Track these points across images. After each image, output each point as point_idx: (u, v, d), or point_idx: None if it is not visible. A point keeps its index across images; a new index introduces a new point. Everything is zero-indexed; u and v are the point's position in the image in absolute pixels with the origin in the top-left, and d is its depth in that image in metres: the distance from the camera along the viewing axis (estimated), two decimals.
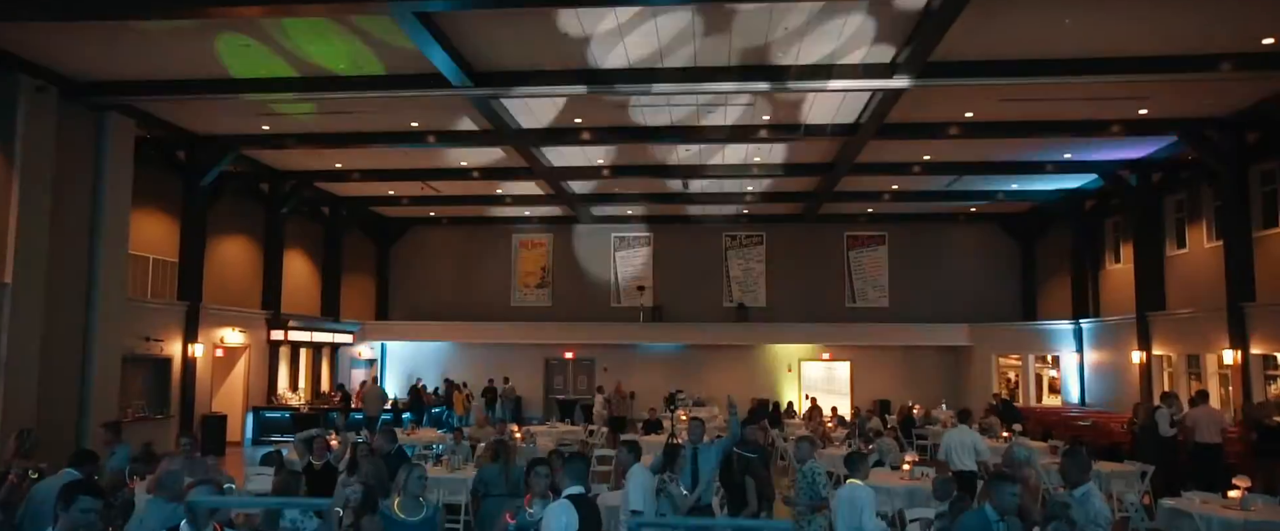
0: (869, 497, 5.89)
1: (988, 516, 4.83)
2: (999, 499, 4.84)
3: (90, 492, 3.73)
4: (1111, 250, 21.66)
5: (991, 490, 4.91)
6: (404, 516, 4.83)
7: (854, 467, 6.02)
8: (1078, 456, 5.51)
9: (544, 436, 15.21)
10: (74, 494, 3.69)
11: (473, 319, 25.44)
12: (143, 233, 16.95)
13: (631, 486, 6.01)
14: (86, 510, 3.63)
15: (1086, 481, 5.38)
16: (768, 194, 22.42)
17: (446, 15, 11.16)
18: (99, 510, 3.69)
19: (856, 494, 5.84)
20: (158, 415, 16.52)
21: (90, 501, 3.67)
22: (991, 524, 4.81)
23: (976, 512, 4.89)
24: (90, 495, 3.71)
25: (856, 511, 5.77)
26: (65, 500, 3.65)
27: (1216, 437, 11.45)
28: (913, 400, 22.14)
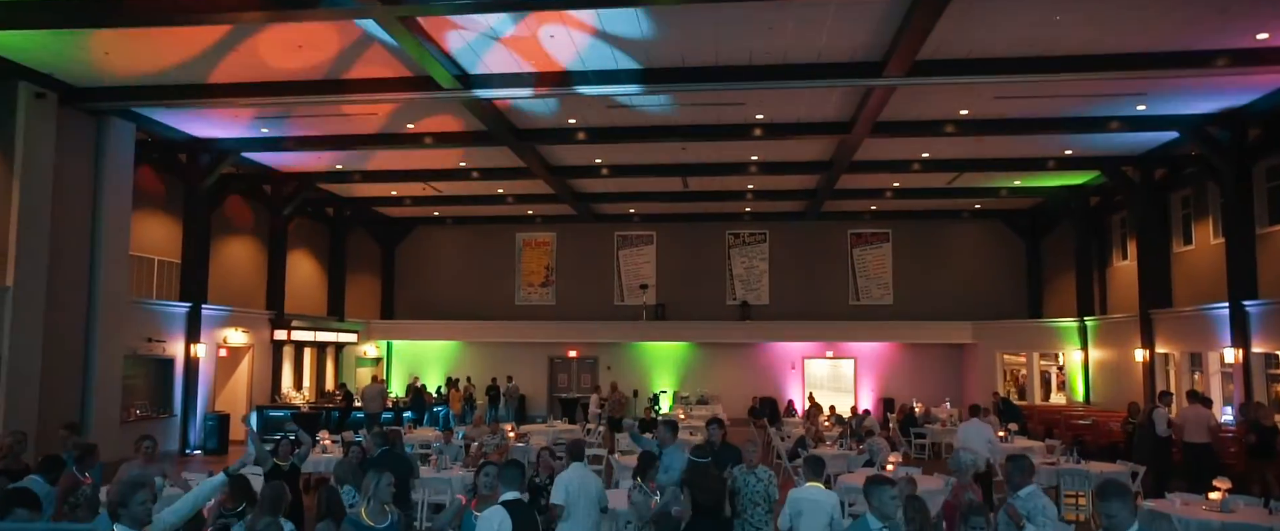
0: (829, 502, 5.88)
1: (869, 525, 4.82)
2: (878, 504, 4.84)
3: (25, 504, 3.81)
4: (1118, 247, 21.48)
5: (870, 495, 4.90)
6: (371, 523, 4.88)
7: (813, 471, 6.02)
8: (1020, 461, 5.67)
9: (539, 436, 15.29)
10: (10, 505, 3.76)
11: (477, 318, 25.59)
12: (146, 234, 17.21)
13: (557, 483, 6.24)
14: (20, 520, 3.72)
15: (1030, 483, 5.55)
16: (770, 191, 22.40)
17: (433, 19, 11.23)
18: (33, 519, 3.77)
19: (816, 497, 5.84)
20: (161, 414, 16.77)
21: (25, 513, 3.75)
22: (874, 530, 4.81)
23: (859, 521, 4.88)
24: (25, 506, 3.78)
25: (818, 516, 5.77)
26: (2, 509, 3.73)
27: (1204, 437, 11.34)
28: (917, 398, 22.08)
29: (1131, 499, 3.86)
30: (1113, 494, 3.81)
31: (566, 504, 6.04)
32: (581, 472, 6.35)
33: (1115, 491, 3.82)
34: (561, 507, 5.96)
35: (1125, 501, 3.80)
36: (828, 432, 15.90)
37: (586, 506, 6.22)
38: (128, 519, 4.19)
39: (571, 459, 6.51)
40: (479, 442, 13.60)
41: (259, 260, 20.99)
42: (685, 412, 19.96)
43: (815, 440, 14.55)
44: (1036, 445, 14.18)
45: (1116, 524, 3.78)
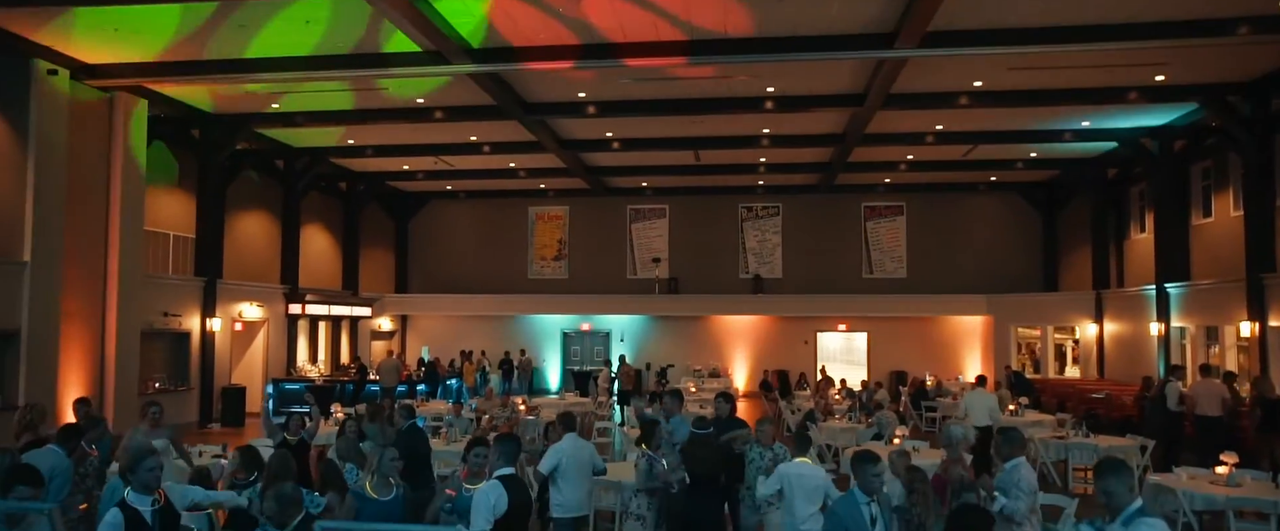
0: (817, 476, 5.91)
1: (857, 499, 4.84)
2: (863, 480, 4.86)
3: (27, 481, 3.89)
4: (1136, 219, 21.24)
5: (856, 471, 4.93)
6: (376, 496, 4.96)
7: (801, 447, 6.04)
8: (1010, 434, 5.72)
9: (549, 409, 15.41)
10: (13, 482, 3.85)
11: (491, 291, 25.74)
12: (161, 210, 17.38)
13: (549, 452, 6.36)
14: (22, 498, 3.81)
15: (1018, 455, 5.55)
16: (783, 164, 22.26)
17: None
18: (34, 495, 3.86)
19: (803, 472, 5.87)
20: (179, 387, 17.04)
21: (26, 490, 3.83)
22: (861, 505, 4.83)
23: (846, 496, 4.91)
24: (26, 484, 3.87)
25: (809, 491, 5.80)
26: (3, 486, 3.82)
27: (1217, 410, 11.27)
28: (930, 371, 22.06)
29: (1130, 476, 3.85)
30: (1110, 471, 3.81)
31: (558, 472, 6.13)
32: (575, 442, 6.44)
33: (1113, 469, 3.82)
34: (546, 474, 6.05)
35: (1123, 478, 3.79)
36: (838, 406, 15.94)
37: (579, 475, 6.32)
38: (137, 484, 4.34)
39: (564, 429, 6.60)
40: (489, 415, 13.76)
41: (273, 235, 21.16)
42: (696, 386, 20.04)
43: (824, 413, 14.59)
44: (1047, 418, 14.16)
45: (1115, 501, 3.77)
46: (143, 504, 4.36)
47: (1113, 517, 3.77)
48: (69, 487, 5.96)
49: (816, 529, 5.86)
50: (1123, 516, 3.73)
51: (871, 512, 4.86)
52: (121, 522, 4.19)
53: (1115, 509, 3.76)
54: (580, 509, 6.41)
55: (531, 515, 4.66)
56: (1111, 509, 3.78)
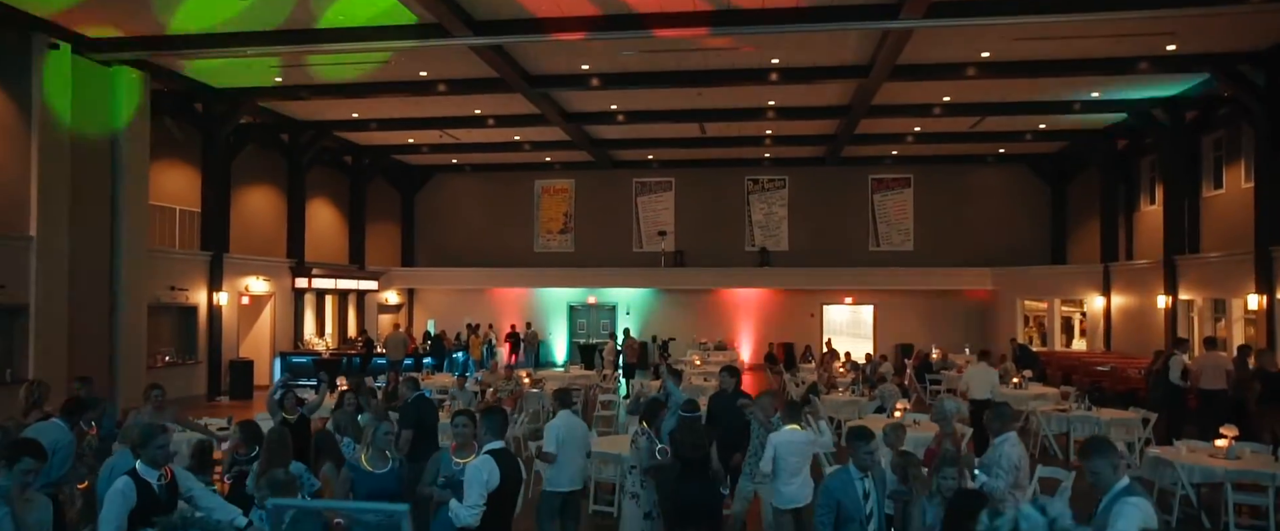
0: (803, 439, 5.94)
1: (851, 474, 4.85)
2: (857, 457, 4.88)
3: (31, 453, 3.94)
4: (1146, 192, 21.04)
5: (850, 446, 4.95)
6: (371, 469, 5.00)
7: (791, 415, 6.05)
8: (1001, 409, 5.72)
9: (554, 382, 15.49)
10: (18, 454, 3.90)
11: (497, 265, 25.79)
12: (167, 184, 17.42)
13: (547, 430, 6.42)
14: (26, 470, 3.86)
15: (1007, 431, 5.55)
16: (789, 137, 22.12)
17: None
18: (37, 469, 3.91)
19: (792, 439, 5.91)
20: (187, 361, 17.19)
21: (31, 462, 3.88)
22: (855, 480, 4.85)
23: (840, 471, 4.93)
24: (32, 456, 3.92)
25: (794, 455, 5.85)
26: (9, 459, 3.86)
27: (1220, 384, 11.23)
28: (936, 344, 22.02)
29: (1115, 456, 3.87)
30: (1096, 451, 3.83)
31: (556, 450, 6.17)
32: (569, 419, 6.48)
33: (1098, 449, 3.84)
34: (554, 455, 6.08)
35: (1108, 458, 3.81)
36: (841, 379, 15.96)
37: (573, 451, 6.37)
38: (147, 458, 4.48)
39: (560, 406, 6.64)
40: (493, 388, 13.86)
41: (280, 209, 21.20)
42: (701, 359, 20.09)
43: (827, 386, 14.63)
44: (1051, 391, 14.16)
45: (1101, 480, 3.80)
46: (151, 476, 4.47)
47: (1099, 497, 3.80)
48: (71, 462, 6.03)
49: (802, 489, 5.90)
50: (1109, 495, 3.75)
51: (865, 488, 4.88)
52: (133, 490, 4.30)
53: (1102, 488, 3.78)
54: (572, 483, 6.49)
55: (523, 487, 4.69)
56: (1098, 488, 3.80)
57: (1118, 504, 3.66)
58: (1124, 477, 3.82)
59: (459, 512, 4.37)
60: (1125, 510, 3.61)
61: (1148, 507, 3.71)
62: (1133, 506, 3.62)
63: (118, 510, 4.26)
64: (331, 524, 4.22)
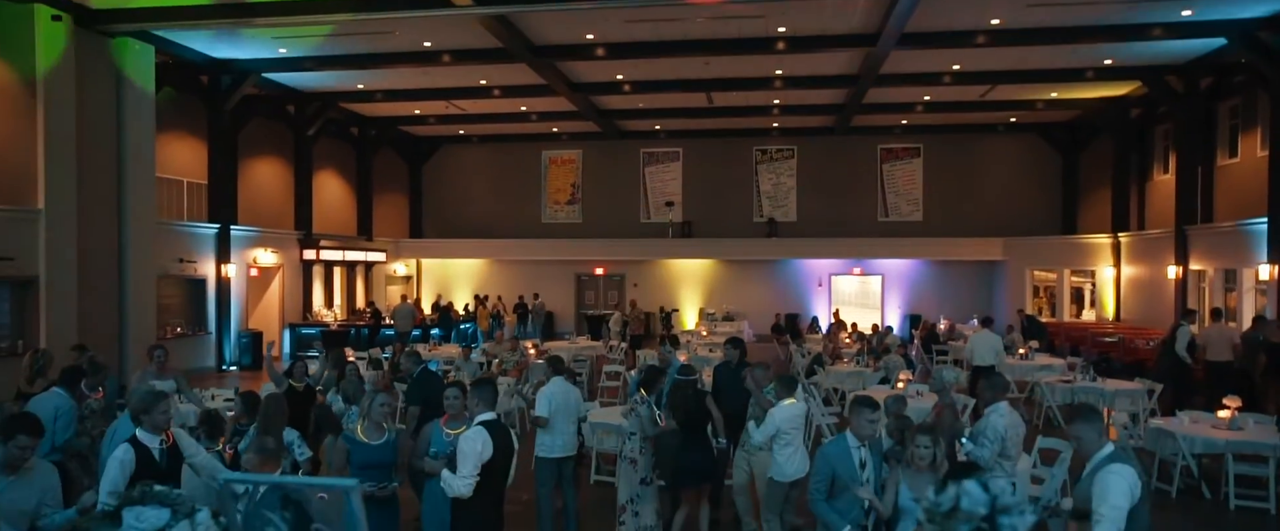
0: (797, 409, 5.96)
1: (848, 442, 4.86)
2: (858, 425, 4.87)
3: (27, 430, 3.97)
4: (1160, 160, 20.78)
5: (853, 415, 4.94)
6: (367, 440, 5.04)
7: (786, 389, 6.05)
8: (994, 379, 5.71)
9: (559, 352, 15.55)
10: (14, 430, 3.93)
11: (504, 236, 25.81)
12: (174, 156, 17.45)
13: (540, 396, 6.51)
14: (22, 446, 3.90)
15: (998, 401, 5.52)
16: (797, 106, 21.92)
17: None
18: (33, 445, 3.95)
19: (790, 412, 5.92)
20: (197, 332, 17.35)
21: (26, 439, 3.92)
22: (852, 449, 4.85)
23: (838, 439, 4.92)
24: (27, 433, 3.95)
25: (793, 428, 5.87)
26: (4, 435, 3.89)
27: (1227, 355, 11.17)
28: (945, 314, 21.98)
29: (1100, 422, 3.84)
30: (1081, 418, 3.81)
31: (549, 416, 6.22)
32: (562, 386, 6.54)
33: (1083, 415, 3.82)
34: (546, 419, 6.13)
35: (1093, 425, 3.79)
36: (848, 349, 15.96)
37: (566, 418, 6.44)
38: (149, 424, 4.56)
39: (553, 373, 6.69)
40: (498, 359, 13.93)
41: (287, 181, 21.23)
42: (708, 330, 20.13)
43: (832, 357, 14.63)
44: (1057, 362, 14.12)
45: (1085, 447, 3.79)
46: (152, 442, 4.53)
47: (1083, 463, 3.80)
48: (74, 427, 6.12)
49: (802, 462, 5.92)
50: (1093, 463, 3.74)
51: (861, 456, 4.88)
52: (133, 457, 4.37)
53: (1086, 455, 3.77)
54: (565, 449, 6.57)
55: (515, 457, 4.73)
56: (1082, 455, 3.79)
57: (1103, 472, 3.65)
58: (1108, 444, 3.80)
59: (452, 483, 4.41)
60: (1111, 481, 3.60)
61: (1133, 475, 3.69)
62: (1118, 476, 3.60)
63: (117, 476, 4.34)
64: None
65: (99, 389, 6.62)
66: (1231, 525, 7.65)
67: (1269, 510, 7.74)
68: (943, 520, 1.54)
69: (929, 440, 4.33)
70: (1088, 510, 3.67)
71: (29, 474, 3.97)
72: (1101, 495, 3.57)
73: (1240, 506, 7.84)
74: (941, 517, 1.54)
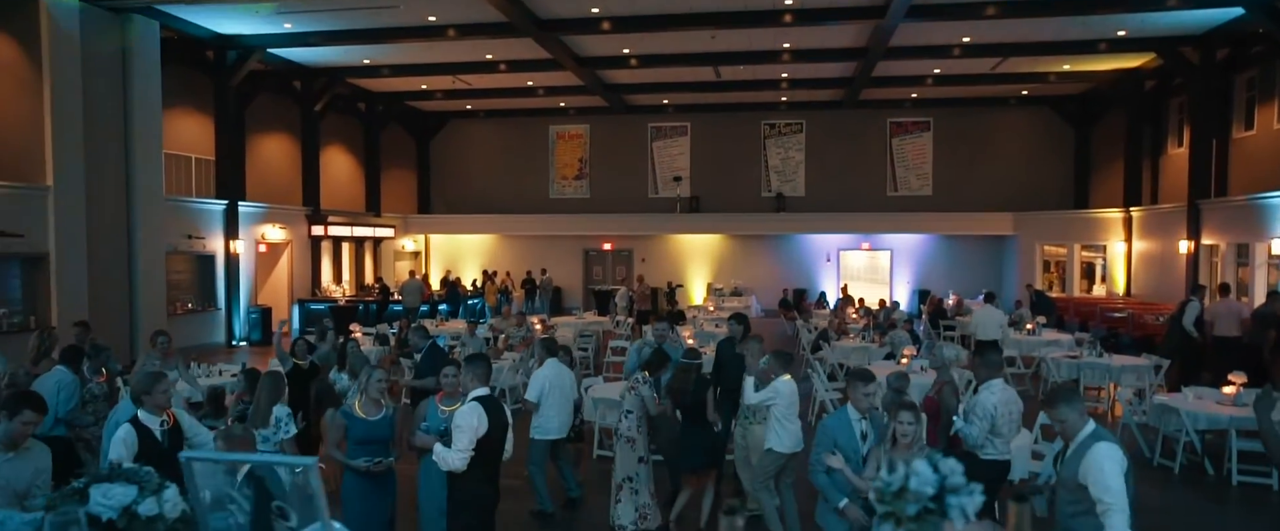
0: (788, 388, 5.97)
1: (849, 415, 4.86)
2: (855, 398, 4.87)
3: (33, 406, 4.03)
4: (1174, 133, 20.50)
5: (850, 389, 4.94)
6: (364, 415, 5.07)
7: (782, 365, 6.06)
8: (987, 356, 5.65)
9: (567, 328, 15.61)
10: (20, 406, 3.98)
11: (512, 211, 25.82)
12: (181, 133, 17.49)
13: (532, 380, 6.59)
14: (27, 422, 3.95)
15: (994, 377, 5.49)
16: (806, 80, 21.72)
17: None
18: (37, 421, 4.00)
19: (783, 389, 5.94)
20: (207, 307, 17.49)
21: (30, 414, 3.97)
22: (853, 422, 4.86)
23: (840, 412, 4.93)
24: (32, 409, 4.00)
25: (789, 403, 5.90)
26: (10, 410, 3.94)
27: (1234, 331, 11.08)
28: (954, 290, 21.90)
29: (1081, 403, 3.84)
30: (1062, 399, 3.81)
31: (540, 398, 6.24)
32: (556, 369, 6.56)
33: (1063, 397, 3.82)
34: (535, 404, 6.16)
35: (1074, 405, 3.79)
36: (854, 325, 15.94)
37: (560, 400, 6.46)
38: (150, 404, 4.62)
39: (546, 355, 6.71)
40: (505, 335, 13.98)
41: (294, 157, 21.27)
42: (715, 305, 20.14)
43: (838, 332, 14.62)
44: (1064, 337, 14.06)
45: (1068, 428, 3.79)
46: (153, 422, 4.58)
47: (1066, 444, 3.78)
48: (76, 401, 6.19)
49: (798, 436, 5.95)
50: (1076, 442, 3.74)
51: (862, 429, 4.89)
52: (135, 437, 4.42)
53: (1069, 435, 3.76)
54: (559, 431, 6.61)
55: (510, 431, 4.76)
56: (1066, 436, 3.78)
57: (1090, 451, 3.63)
58: (1089, 423, 3.79)
59: (447, 457, 4.44)
60: (1102, 463, 3.58)
61: (1120, 451, 3.69)
62: (1110, 459, 3.59)
63: (121, 454, 4.39)
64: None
65: (102, 372, 6.69)
66: (1234, 501, 7.64)
67: (1271, 485, 7.72)
68: (892, 500, 1.54)
69: (912, 417, 4.32)
70: (1075, 484, 3.66)
71: (27, 453, 4.02)
72: (1101, 483, 3.56)
73: (1243, 482, 7.83)
74: (891, 497, 1.54)
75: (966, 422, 5.30)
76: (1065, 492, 3.72)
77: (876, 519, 1.55)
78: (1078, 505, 3.66)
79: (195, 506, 1.97)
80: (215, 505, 2.06)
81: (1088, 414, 3.83)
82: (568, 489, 7.00)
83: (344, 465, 5.01)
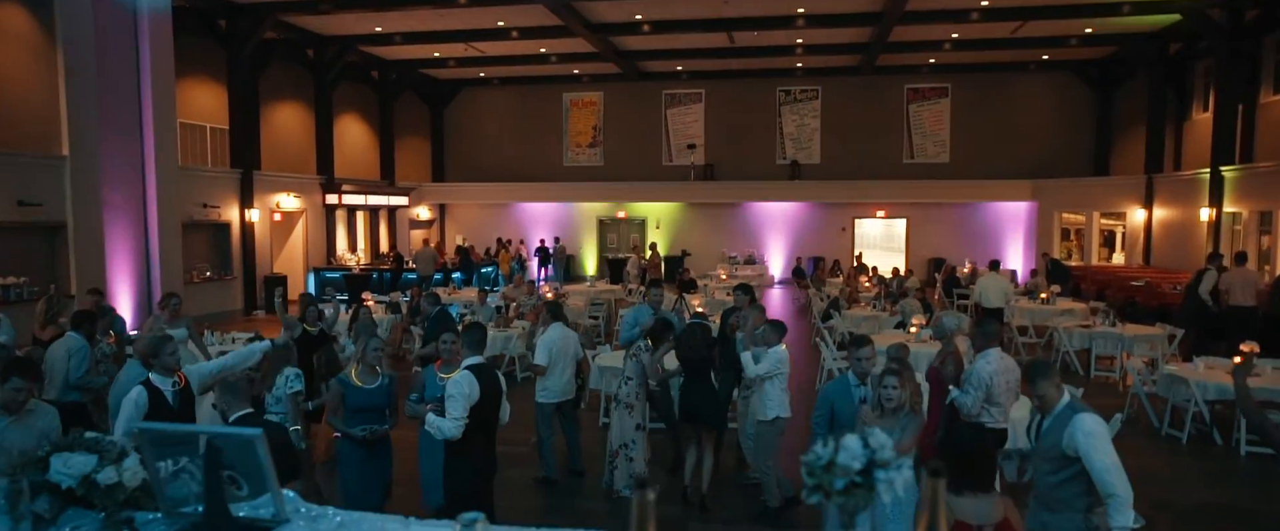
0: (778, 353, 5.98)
1: (850, 381, 4.86)
2: (852, 364, 4.87)
3: (21, 373, 4.08)
4: (1199, 98, 20.06)
5: (849, 355, 4.95)
6: (360, 383, 5.12)
7: (777, 335, 6.05)
8: (985, 326, 5.63)
9: (578, 296, 15.67)
10: (8, 374, 4.04)
11: (526, 179, 25.81)
12: (196, 102, 17.55)
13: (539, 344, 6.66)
14: (17, 388, 4.01)
15: (990, 347, 5.46)
16: (822, 46, 21.41)
17: None
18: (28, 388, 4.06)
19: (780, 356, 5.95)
20: (223, 276, 17.69)
21: (20, 382, 4.03)
22: (851, 388, 4.85)
23: (841, 377, 4.94)
24: (21, 376, 4.06)
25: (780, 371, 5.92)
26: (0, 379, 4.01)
27: (1250, 300, 10.92)
28: (971, 258, 21.74)
29: (1056, 376, 3.86)
30: (1039, 375, 3.82)
31: (548, 362, 6.29)
32: (561, 332, 6.61)
33: (1039, 372, 3.83)
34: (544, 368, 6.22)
35: (1050, 379, 3.81)
36: (866, 293, 15.87)
37: (565, 364, 6.52)
38: (159, 367, 4.71)
39: (552, 319, 6.76)
40: (516, 303, 14.05)
41: (308, 126, 21.31)
42: (727, 273, 20.11)
43: (850, 301, 14.57)
44: (1078, 307, 13.93)
45: (1046, 402, 3.81)
46: (165, 384, 4.66)
47: (1043, 415, 3.80)
48: (87, 365, 6.31)
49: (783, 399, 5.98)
50: (1053, 414, 3.75)
51: (861, 395, 4.89)
52: (146, 399, 4.51)
53: (1048, 410, 3.77)
54: (563, 394, 6.68)
55: (503, 399, 4.80)
56: (1044, 410, 3.78)
57: (1070, 425, 3.63)
58: (1065, 395, 3.81)
59: (442, 426, 4.50)
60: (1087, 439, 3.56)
61: (1102, 423, 3.69)
62: (1089, 434, 3.57)
63: (132, 415, 4.50)
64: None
65: (109, 333, 6.80)
66: (1242, 471, 7.59)
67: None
68: (821, 473, 1.53)
69: (896, 382, 4.31)
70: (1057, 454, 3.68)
71: (29, 416, 4.10)
72: (1100, 465, 3.54)
73: (1251, 453, 7.76)
74: (820, 471, 1.53)
75: (962, 392, 5.29)
76: (1045, 462, 3.73)
77: (804, 490, 1.55)
78: (1059, 473, 3.67)
79: (151, 476, 2.01)
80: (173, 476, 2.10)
81: (1063, 386, 3.87)
82: (572, 459, 7.07)
83: (341, 433, 5.08)
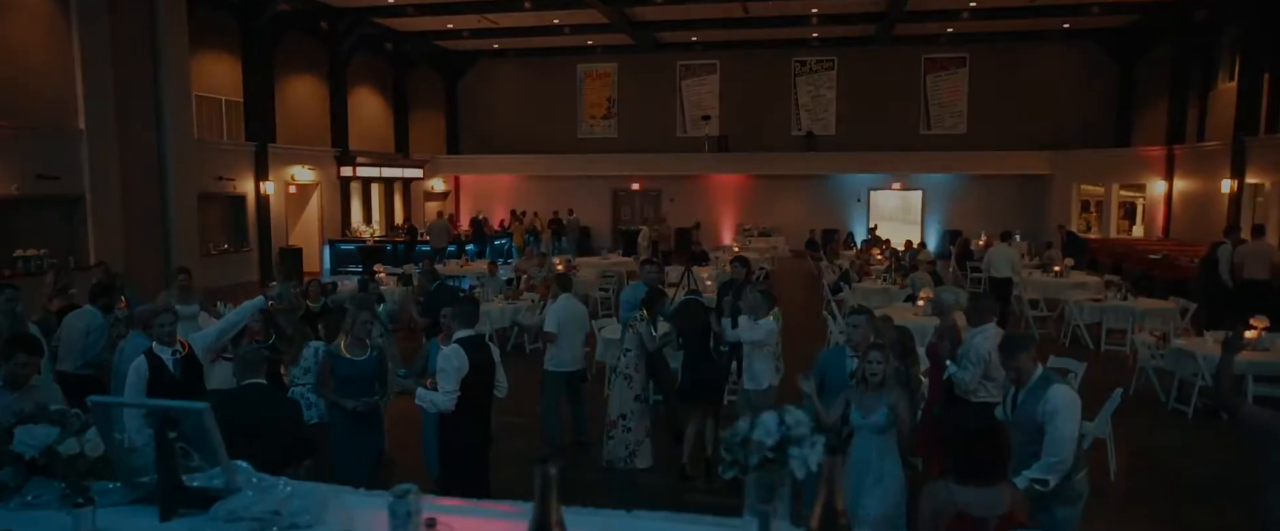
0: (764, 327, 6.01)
1: (844, 352, 4.88)
2: (847, 333, 4.89)
3: (27, 349, 4.17)
4: (1225, 66, 19.61)
5: (847, 326, 4.97)
6: (349, 356, 5.20)
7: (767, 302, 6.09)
8: (979, 301, 5.63)
9: (590, 268, 15.73)
10: (13, 350, 4.12)
11: (541, 151, 25.80)
12: (212, 75, 17.64)
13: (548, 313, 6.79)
14: (21, 364, 4.09)
15: (987, 322, 5.45)
16: (837, 15, 21.12)
17: None
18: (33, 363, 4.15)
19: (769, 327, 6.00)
20: (240, 248, 17.90)
21: (24, 357, 4.11)
22: (845, 358, 4.89)
23: (834, 348, 4.97)
24: (26, 352, 4.14)
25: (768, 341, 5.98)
26: (4, 354, 4.09)
27: (1264, 273, 10.78)
28: (987, 230, 21.53)
29: (1030, 347, 3.92)
30: (1015, 348, 3.88)
31: (559, 329, 6.40)
32: (570, 303, 6.71)
33: (1018, 345, 3.88)
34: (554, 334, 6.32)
35: (1026, 350, 3.88)
36: (879, 266, 15.80)
37: (573, 333, 6.62)
38: (156, 336, 4.91)
39: (561, 290, 6.85)
40: (527, 275, 14.13)
41: (323, 98, 21.38)
42: (741, 245, 20.08)
43: (860, 274, 14.52)
44: (1092, 280, 13.80)
45: (1022, 375, 3.88)
46: (165, 353, 4.78)
47: (1018, 388, 3.83)
48: (104, 340, 6.45)
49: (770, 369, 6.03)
50: (1027, 387, 3.79)
51: (854, 366, 4.91)
52: (146, 367, 4.62)
53: (1021, 381, 3.80)
54: (573, 363, 6.77)
55: (496, 370, 4.86)
56: (1018, 382, 3.81)
57: (1048, 392, 3.69)
58: (1038, 367, 3.87)
59: (435, 400, 4.58)
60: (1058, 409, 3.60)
61: (1073, 395, 3.74)
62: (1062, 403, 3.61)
63: (136, 385, 4.63)
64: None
65: (122, 299, 6.97)
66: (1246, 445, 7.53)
67: None
68: (737, 449, 1.56)
69: (879, 356, 4.32)
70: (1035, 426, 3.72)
71: (33, 392, 4.19)
72: (1056, 433, 3.63)
73: None
74: (737, 447, 1.56)
75: (960, 367, 5.29)
76: (1023, 434, 3.76)
77: (721, 466, 1.58)
78: (1036, 444, 3.70)
79: (108, 446, 2.08)
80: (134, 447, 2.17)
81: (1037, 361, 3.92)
82: (578, 432, 7.15)
83: (332, 403, 5.16)
